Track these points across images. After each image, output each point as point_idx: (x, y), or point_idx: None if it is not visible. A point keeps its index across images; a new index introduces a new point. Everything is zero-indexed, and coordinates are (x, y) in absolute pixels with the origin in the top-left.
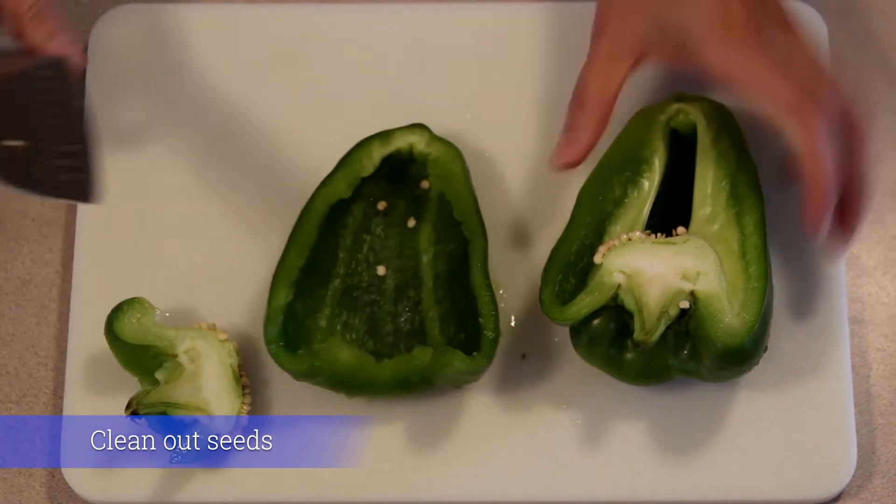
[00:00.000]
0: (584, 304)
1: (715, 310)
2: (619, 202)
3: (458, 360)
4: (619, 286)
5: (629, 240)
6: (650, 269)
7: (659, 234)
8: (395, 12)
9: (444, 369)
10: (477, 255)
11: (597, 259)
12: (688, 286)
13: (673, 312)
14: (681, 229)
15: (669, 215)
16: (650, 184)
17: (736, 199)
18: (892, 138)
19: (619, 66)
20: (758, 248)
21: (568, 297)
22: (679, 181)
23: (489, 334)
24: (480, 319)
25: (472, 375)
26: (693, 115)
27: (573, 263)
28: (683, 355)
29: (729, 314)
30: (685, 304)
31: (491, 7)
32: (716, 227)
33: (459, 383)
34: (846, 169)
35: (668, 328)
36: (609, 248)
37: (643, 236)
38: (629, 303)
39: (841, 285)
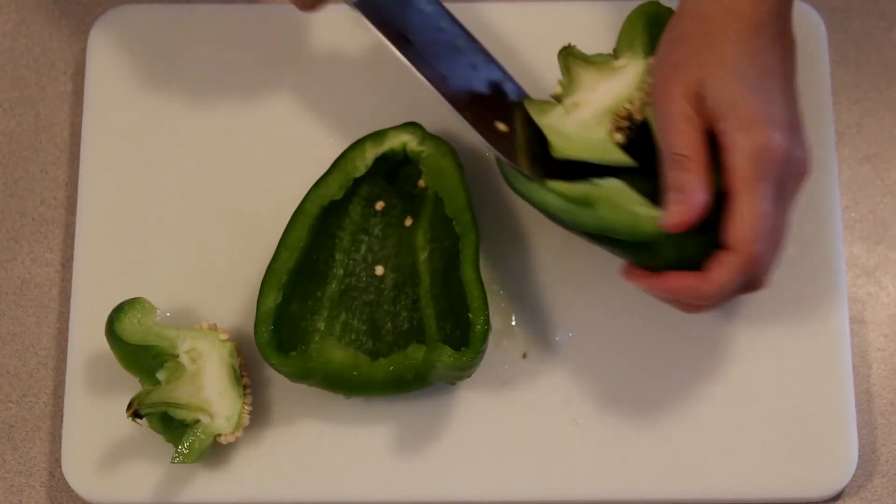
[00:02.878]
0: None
1: None
2: None
3: (447, 356)
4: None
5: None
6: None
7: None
8: None
9: (435, 365)
10: (468, 250)
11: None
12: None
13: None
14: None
15: None
16: None
17: None
18: (892, 138)
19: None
20: None
21: None
22: None
23: (478, 328)
24: (469, 314)
25: (462, 370)
26: None
27: None
28: None
29: None
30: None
31: (490, 7)
32: None
33: (452, 379)
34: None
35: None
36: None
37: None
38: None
39: (841, 285)
